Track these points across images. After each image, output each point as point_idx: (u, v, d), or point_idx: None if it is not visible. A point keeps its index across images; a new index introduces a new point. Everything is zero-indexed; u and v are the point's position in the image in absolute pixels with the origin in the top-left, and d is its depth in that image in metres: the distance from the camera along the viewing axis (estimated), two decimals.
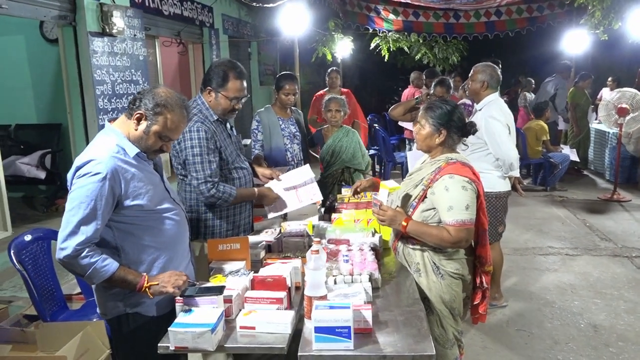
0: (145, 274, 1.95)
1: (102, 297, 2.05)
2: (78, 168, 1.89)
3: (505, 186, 3.57)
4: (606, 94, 9.00)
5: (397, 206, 2.39)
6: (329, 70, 6.35)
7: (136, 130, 1.95)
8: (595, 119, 8.58)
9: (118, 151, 1.93)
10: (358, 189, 2.82)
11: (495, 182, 3.50)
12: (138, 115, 1.94)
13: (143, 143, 1.97)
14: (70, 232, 1.82)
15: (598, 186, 7.86)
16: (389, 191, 2.35)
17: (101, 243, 1.92)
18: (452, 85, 5.13)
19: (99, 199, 1.84)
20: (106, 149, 1.91)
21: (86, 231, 1.83)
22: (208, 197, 2.58)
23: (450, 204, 2.19)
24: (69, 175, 1.95)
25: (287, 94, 3.76)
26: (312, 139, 4.19)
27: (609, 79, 9.34)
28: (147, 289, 1.92)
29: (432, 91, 4.97)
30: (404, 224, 2.25)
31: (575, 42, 8.93)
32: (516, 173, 3.58)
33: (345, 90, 6.19)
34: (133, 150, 1.96)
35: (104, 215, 1.86)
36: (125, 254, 1.98)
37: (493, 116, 3.46)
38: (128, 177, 1.92)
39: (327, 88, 6.18)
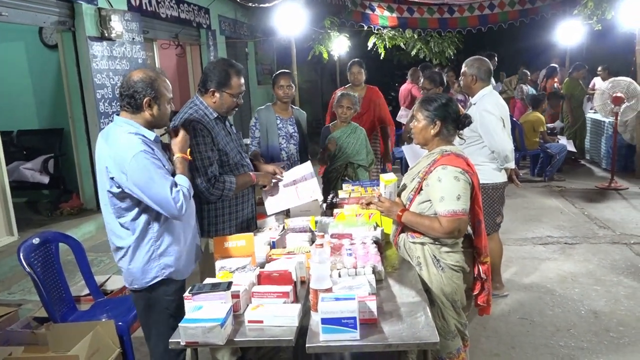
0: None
1: (135, 267, 2.25)
2: (121, 164, 2.09)
3: (502, 177, 3.63)
4: (598, 83, 9.05)
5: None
6: (349, 64, 5.20)
7: (153, 113, 2.21)
8: (591, 109, 8.64)
9: (139, 139, 2.16)
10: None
11: (491, 174, 3.55)
12: (147, 101, 2.17)
13: (165, 120, 2.29)
14: (174, 194, 2.12)
15: (595, 175, 7.92)
16: (385, 183, 2.47)
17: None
18: (444, 80, 5.11)
19: (155, 164, 2.11)
20: (129, 136, 2.14)
21: (174, 184, 2.15)
22: (213, 193, 2.62)
23: (442, 194, 2.24)
24: (112, 173, 2.11)
25: (281, 86, 3.84)
26: (323, 137, 4.22)
27: (599, 68, 9.40)
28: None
29: (421, 84, 5.00)
30: (400, 214, 2.34)
31: (569, 32, 8.98)
32: (512, 165, 3.63)
33: (371, 87, 5.22)
34: (151, 134, 2.22)
35: (167, 170, 2.18)
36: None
37: (487, 110, 3.51)
38: (155, 152, 2.18)
39: (349, 84, 5.17)
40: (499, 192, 3.64)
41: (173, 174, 2.25)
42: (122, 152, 2.09)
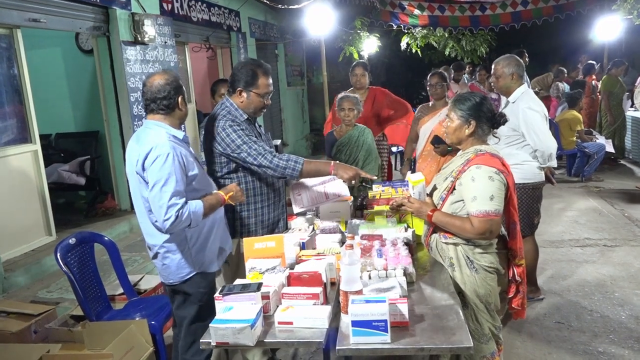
0: (218, 191, 2.43)
1: (170, 264, 2.38)
2: (144, 159, 2.22)
3: (542, 176, 3.55)
4: None
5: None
6: (352, 66, 4.93)
7: (183, 109, 2.40)
8: (631, 107, 8.34)
9: (169, 137, 2.29)
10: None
11: (533, 173, 3.47)
12: (181, 99, 2.37)
13: (187, 113, 2.48)
14: (169, 206, 2.16)
15: (636, 175, 7.64)
16: (413, 184, 2.47)
17: None
18: (452, 76, 4.90)
19: (176, 171, 2.21)
20: (160, 136, 2.27)
21: (179, 197, 2.20)
22: (275, 163, 2.61)
23: (474, 194, 2.19)
24: (136, 168, 2.25)
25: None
26: (329, 144, 4.09)
27: None
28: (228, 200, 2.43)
29: (428, 82, 4.85)
30: (430, 213, 2.32)
31: (606, 28, 8.69)
32: (554, 164, 3.54)
33: (375, 88, 5.00)
34: (180, 134, 2.38)
35: (183, 181, 2.25)
36: None
37: (531, 107, 3.40)
38: (183, 153, 2.29)
39: (352, 88, 4.91)
40: (538, 192, 3.55)
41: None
42: (144, 152, 2.22)
